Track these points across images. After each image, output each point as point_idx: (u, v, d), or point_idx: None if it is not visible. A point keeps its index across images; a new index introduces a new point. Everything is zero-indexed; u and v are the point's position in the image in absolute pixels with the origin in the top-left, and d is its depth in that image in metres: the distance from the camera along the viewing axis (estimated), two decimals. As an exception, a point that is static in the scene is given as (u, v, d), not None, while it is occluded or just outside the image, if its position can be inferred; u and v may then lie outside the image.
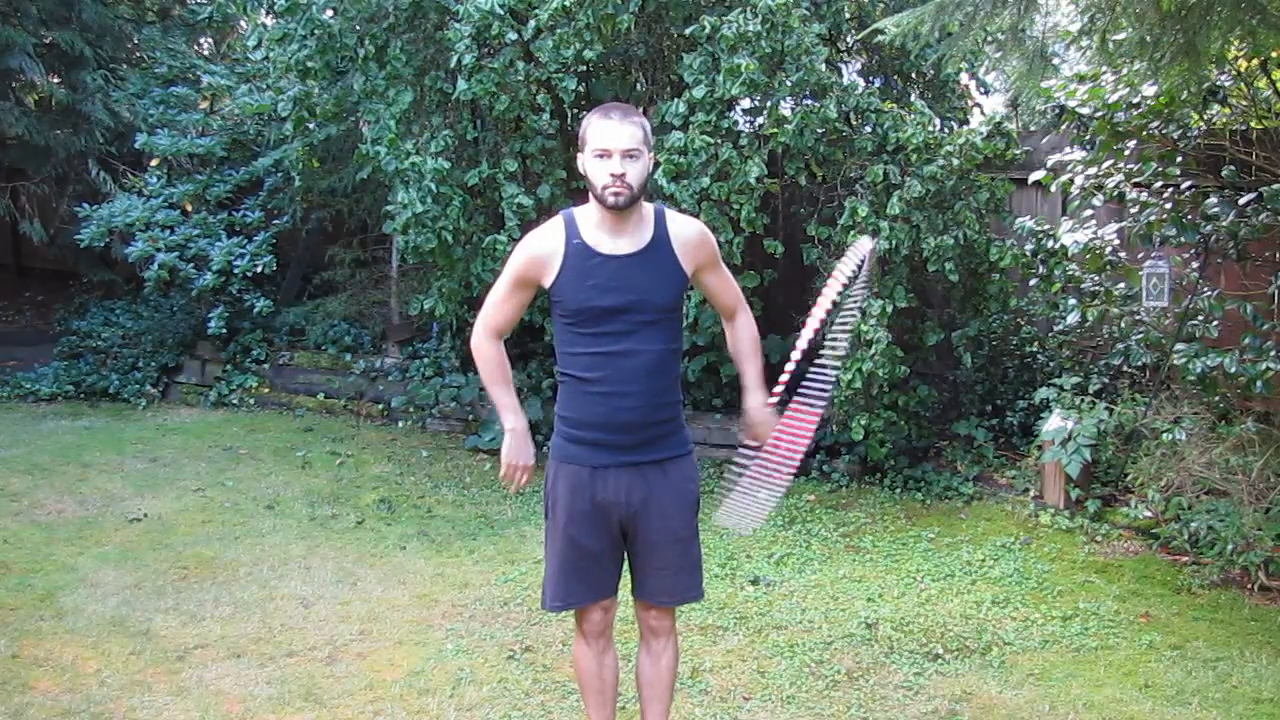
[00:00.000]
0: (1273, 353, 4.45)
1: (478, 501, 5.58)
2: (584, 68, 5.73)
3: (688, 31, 5.45)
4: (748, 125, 5.55)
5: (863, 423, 5.31)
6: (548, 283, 2.57)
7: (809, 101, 5.56)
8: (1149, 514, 4.77)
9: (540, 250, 2.58)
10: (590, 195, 2.55)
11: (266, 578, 4.45)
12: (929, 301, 5.86)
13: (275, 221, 7.55)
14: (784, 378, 2.66)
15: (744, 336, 2.80)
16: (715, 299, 2.77)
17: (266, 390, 7.60)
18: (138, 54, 8.78)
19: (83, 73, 7.82)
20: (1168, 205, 4.86)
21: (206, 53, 9.15)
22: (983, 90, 6.78)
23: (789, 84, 5.24)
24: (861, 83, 6.22)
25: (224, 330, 7.23)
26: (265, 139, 7.67)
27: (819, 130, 5.31)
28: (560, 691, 3.48)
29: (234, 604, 4.17)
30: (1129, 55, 4.13)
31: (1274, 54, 4.44)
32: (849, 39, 6.33)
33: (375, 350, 7.52)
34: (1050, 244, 5.31)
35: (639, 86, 6.22)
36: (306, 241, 8.28)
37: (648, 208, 2.62)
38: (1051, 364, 5.72)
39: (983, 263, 5.51)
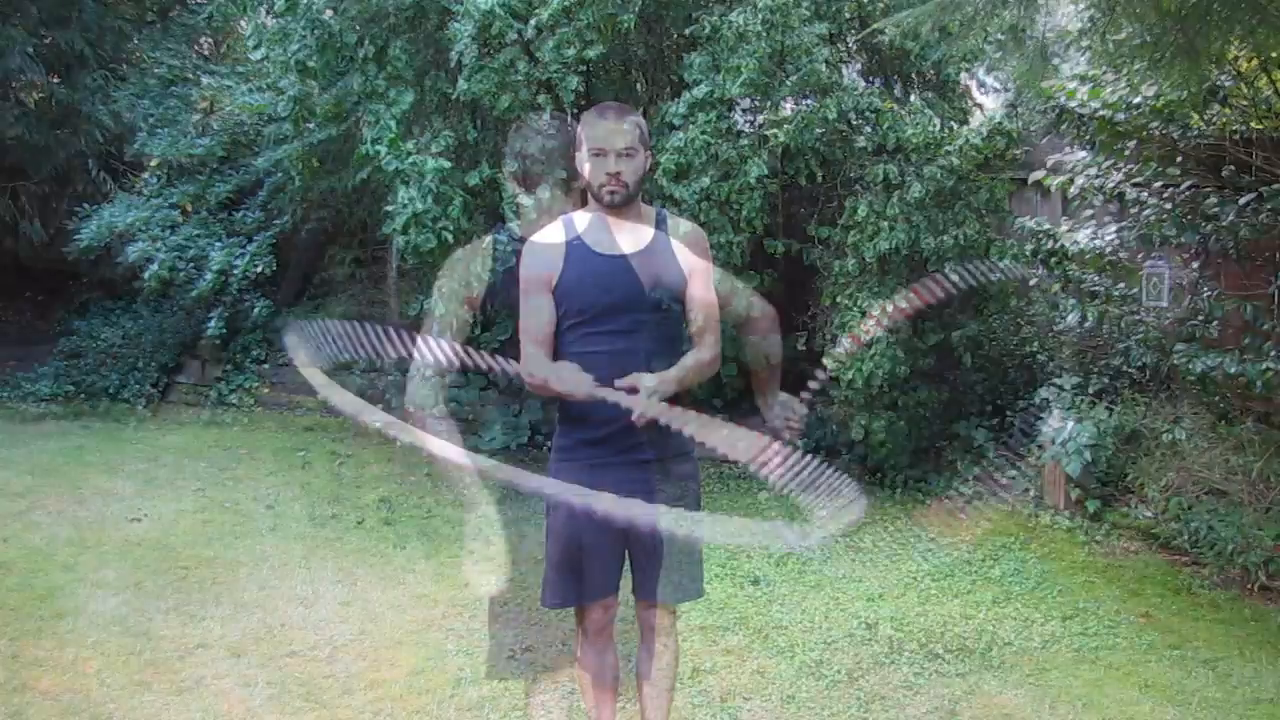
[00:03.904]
0: (1273, 353, 4.44)
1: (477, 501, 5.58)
2: (585, 68, 5.73)
3: (688, 31, 5.45)
4: (748, 125, 5.55)
5: (863, 423, 5.31)
6: (553, 282, 2.57)
7: (810, 101, 5.56)
8: (1149, 514, 4.77)
9: (544, 250, 2.58)
10: (588, 195, 2.57)
11: (266, 578, 4.44)
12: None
13: (275, 222, 7.54)
14: None
15: (701, 356, 2.60)
16: (691, 311, 2.61)
17: (266, 391, 7.59)
18: (137, 55, 8.78)
19: (82, 73, 7.83)
20: (1168, 205, 4.85)
21: (206, 54, 9.15)
22: (983, 90, 6.78)
23: (790, 84, 5.24)
24: (862, 83, 6.22)
25: (224, 331, 7.23)
26: (265, 139, 7.66)
27: (820, 130, 5.30)
28: (560, 691, 3.48)
29: (234, 604, 4.17)
30: (1129, 55, 4.13)
31: (1274, 54, 4.44)
32: (850, 39, 6.33)
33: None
34: (1050, 244, 5.31)
35: (640, 87, 6.22)
36: (306, 242, 8.28)
37: (647, 209, 2.64)
38: (1052, 364, 5.71)
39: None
